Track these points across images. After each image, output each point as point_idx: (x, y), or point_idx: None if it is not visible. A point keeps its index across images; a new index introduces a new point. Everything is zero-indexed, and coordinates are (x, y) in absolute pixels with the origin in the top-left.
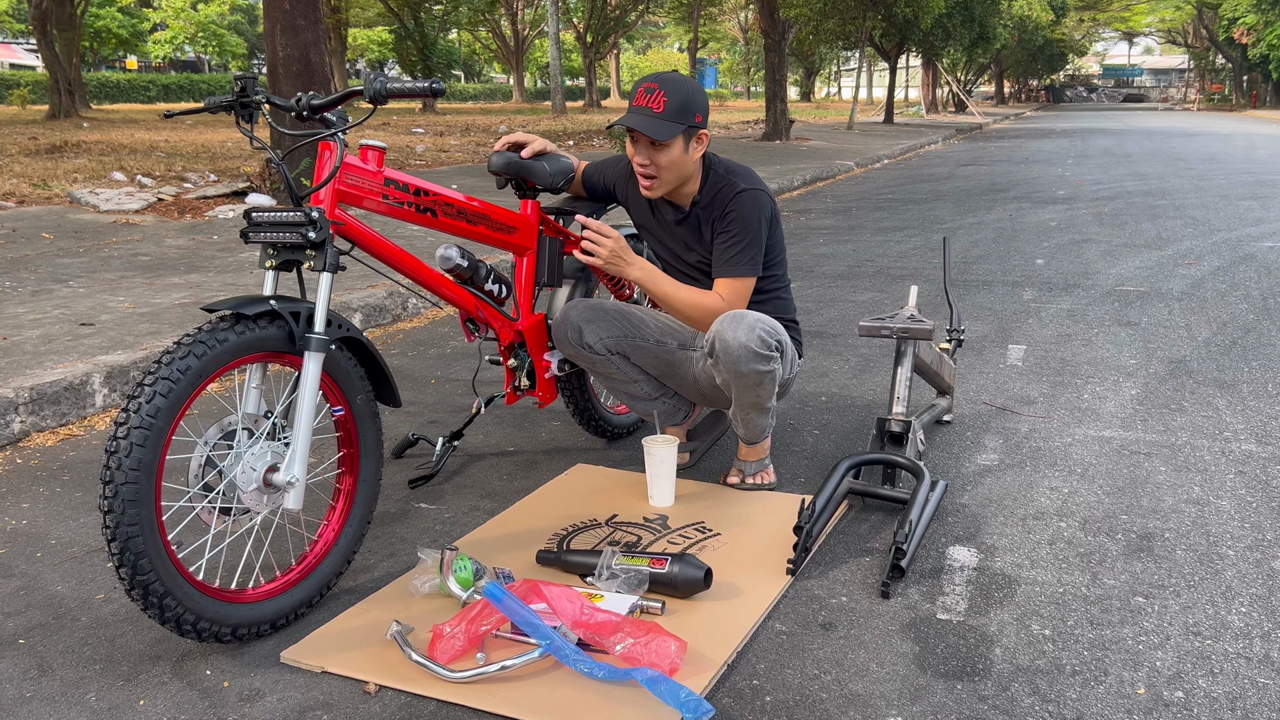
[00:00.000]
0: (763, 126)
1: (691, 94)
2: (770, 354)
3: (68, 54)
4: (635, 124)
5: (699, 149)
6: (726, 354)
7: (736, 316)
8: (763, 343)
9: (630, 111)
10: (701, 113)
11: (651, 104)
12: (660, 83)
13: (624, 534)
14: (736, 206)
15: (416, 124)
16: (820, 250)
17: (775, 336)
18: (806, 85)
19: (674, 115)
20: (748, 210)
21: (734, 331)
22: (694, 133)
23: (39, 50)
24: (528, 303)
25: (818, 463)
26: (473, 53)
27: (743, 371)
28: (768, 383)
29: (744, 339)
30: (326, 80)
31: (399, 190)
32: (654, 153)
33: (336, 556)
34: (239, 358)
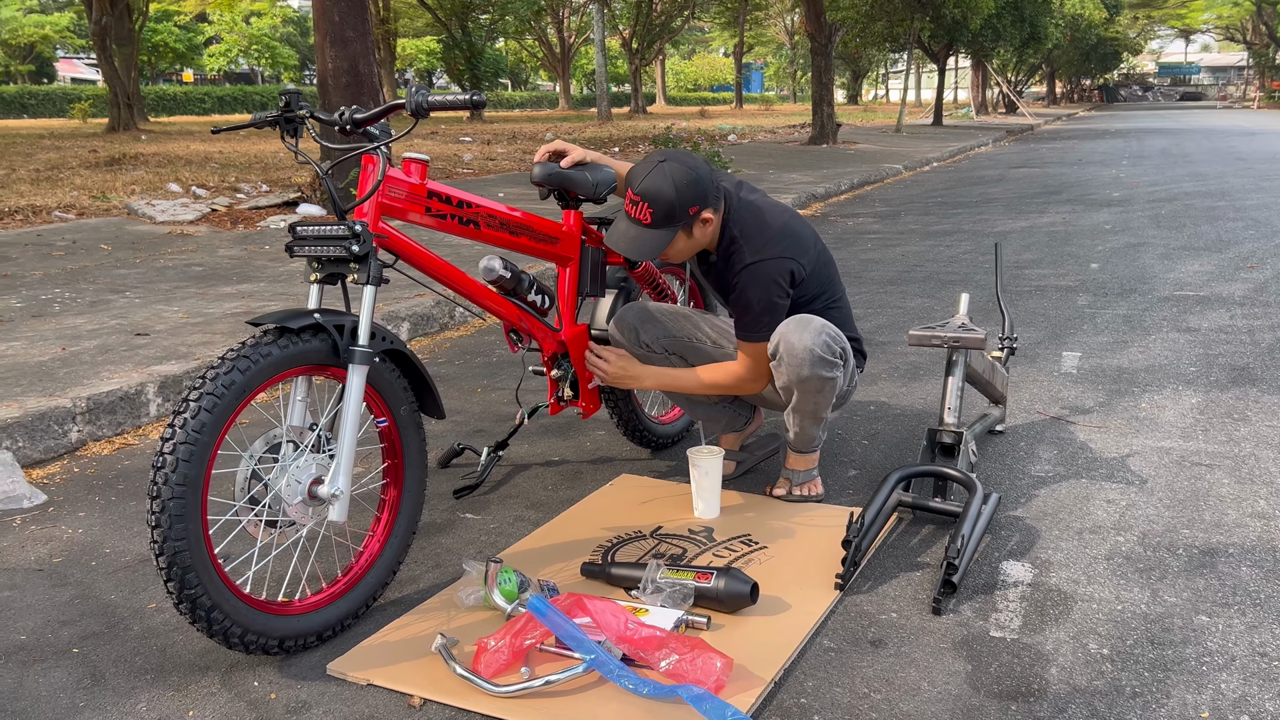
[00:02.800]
0: (809, 130)
1: (679, 192)
2: (834, 360)
3: (126, 68)
4: (622, 248)
5: (708, 228)
6: (791, 356)
7: (803, 320)
8: (828, 348)
9: (620, 220)
10: (697, 201)
11: (639, 215)
12: (644, 194)
13: (669, 546)
14: (742, 282)
15: (464, 133)
16: (868, 255)
17: (839, 344)
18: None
19: (663, 221)
20: (754, 286)
21: (800, 335)
22: (694, 221)
23: (99, 65)
24: (571, 313)
25: (866, 474)
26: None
27: (805, 376)
28: (828, 390)
29: (810, 343)
30: (375, 91)
31: (442, 203)
32: None
33: (382, 568)
34: (283, 371)
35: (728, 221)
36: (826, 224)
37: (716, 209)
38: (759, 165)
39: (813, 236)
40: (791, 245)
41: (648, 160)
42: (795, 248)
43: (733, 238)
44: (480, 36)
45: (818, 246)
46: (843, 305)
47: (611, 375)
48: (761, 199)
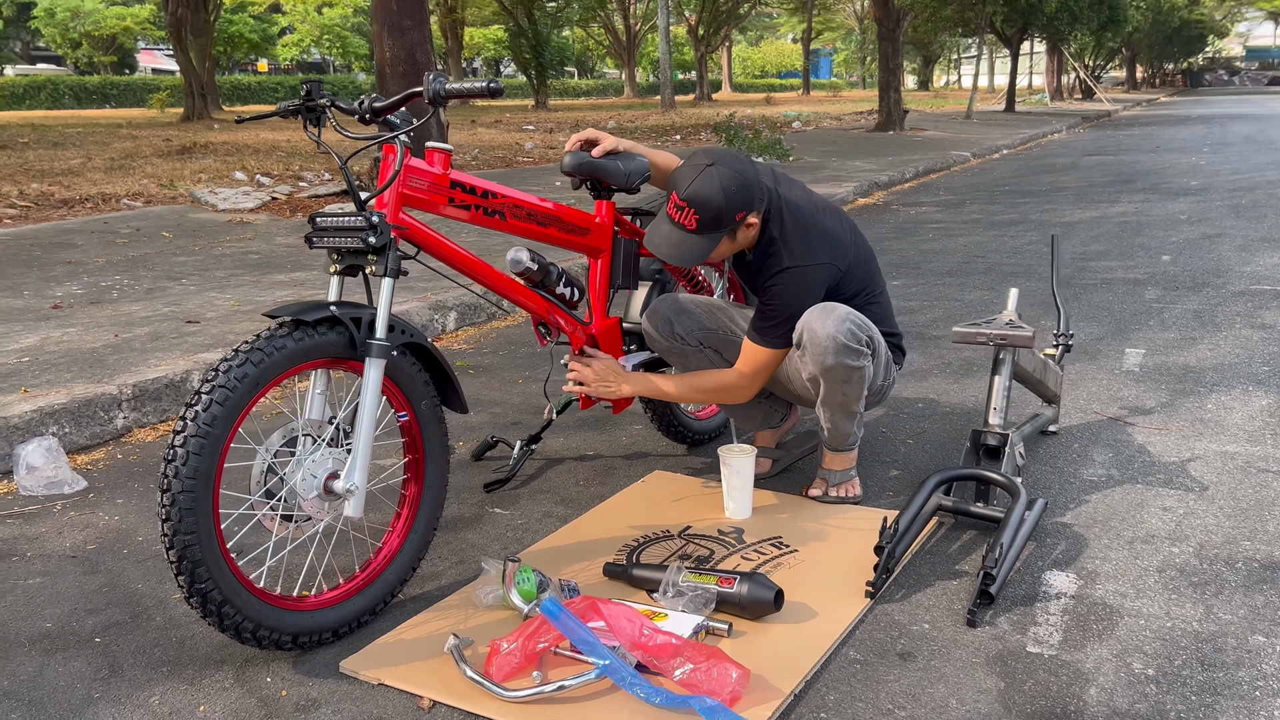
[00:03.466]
0: (875, 117)
1: (728, 198)
2: (859, 348)
3: (201, 59)
4: (664, 254)
5: (750, 231)
6: (814, 344)
7: (827, 308)
8: (852, 335)
9: (663, 223)
10: (744, 207)
11: (684, 221)
12: (690, 199)
13: (696, 547)
14: (777, 284)
15: (528, 121)
16: (929, 245)
17: (866, 332)
18: (925, 74)
19: (708, 227)
20: (787, 290)
21: (823, 322)
22: (739, 226)
23: (175, 55)
24: (602, 306)
25: (909, 475)
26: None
27: (829, 365)
28: (856, 381)
29: (833, 330)
30: None
31: (465, 193)
32: None
33: (401, 564)
34: (298, 364)
35: (768, 220)
36: (888, 213)
37: (760, 211)
38: (821, 152)
39: (851, 235)
40: (830, 249)
41: (693, 163)
42: (834, 251)
43: (771, 238)
44: (546, 25)
45: (856, 244)
46: (882, 300)
47: (591, 384)
48: (801, 196)
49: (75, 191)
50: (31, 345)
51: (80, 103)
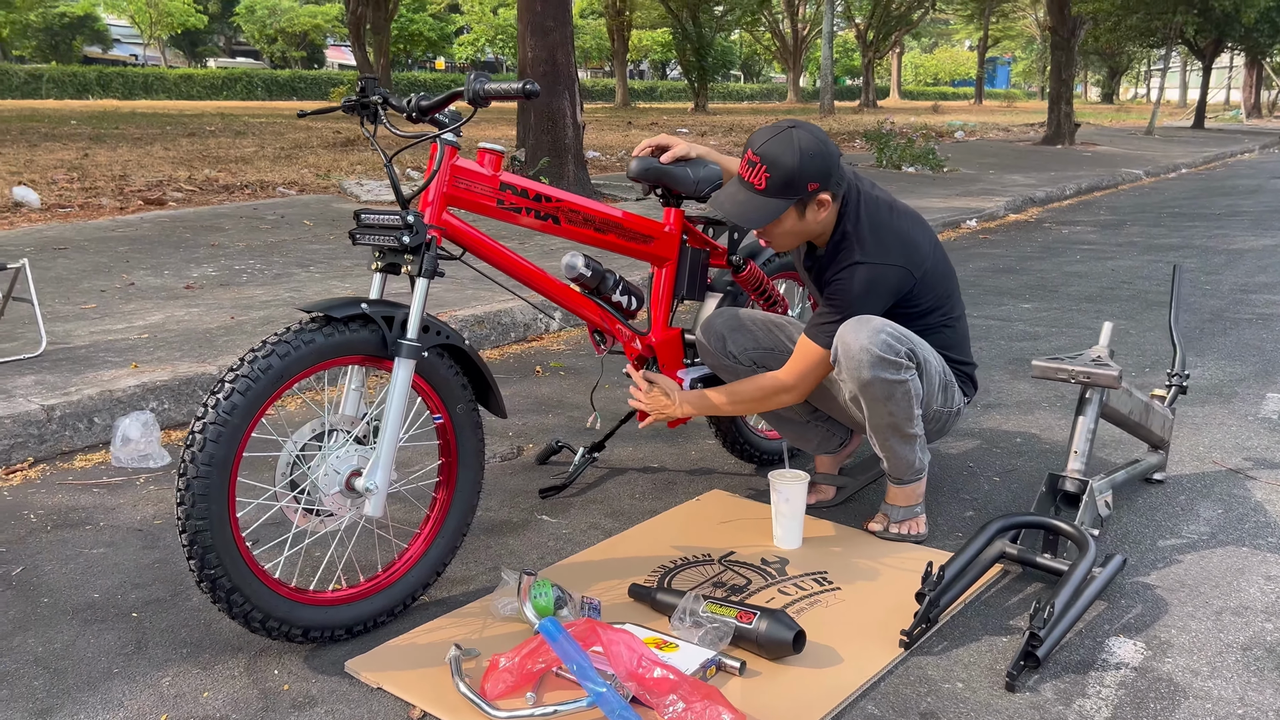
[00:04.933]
0: (1044, 130)
1: (804, 162)
2: (897, 360)
3: (378, 55)
4: (727, 211)
5: (821, 212)
6: (847, 358)
7: (862, 320)
8: (887, 347)
9: (731, 183)
10: (819, 178)
11: (753, 179)
12: (764, 156)
13: (734, 575)
14: (845, 278)
15: (683, 124)
16: (1073, 268)
17: (905, 344)
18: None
19: (778, 190)
20: (856, 286)
21: (856, 334)
22: (810, 200)
23: (353, 51)
24: (664, 316)
25: (987, 515)
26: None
27: (865, 379)
28: (900, 397)
29: (865, 342)
30: (572, 82)
31: (516, 195)
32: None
33: (425, 567)
34: (325, 360)
35: (844, 214)
36: (1038, 230)
37: (836, 195)
38: (979, 164)
39: (931, 246)
40: (907, 254)
41: (775, 124)
42: (910, 257)
43: (845, 232)
44: (711, 28)
45: (935, 257)
46: (959, 326)
47: (646, 407)
48: (883, 197)
49: (239, 178)
50: (155, 323)
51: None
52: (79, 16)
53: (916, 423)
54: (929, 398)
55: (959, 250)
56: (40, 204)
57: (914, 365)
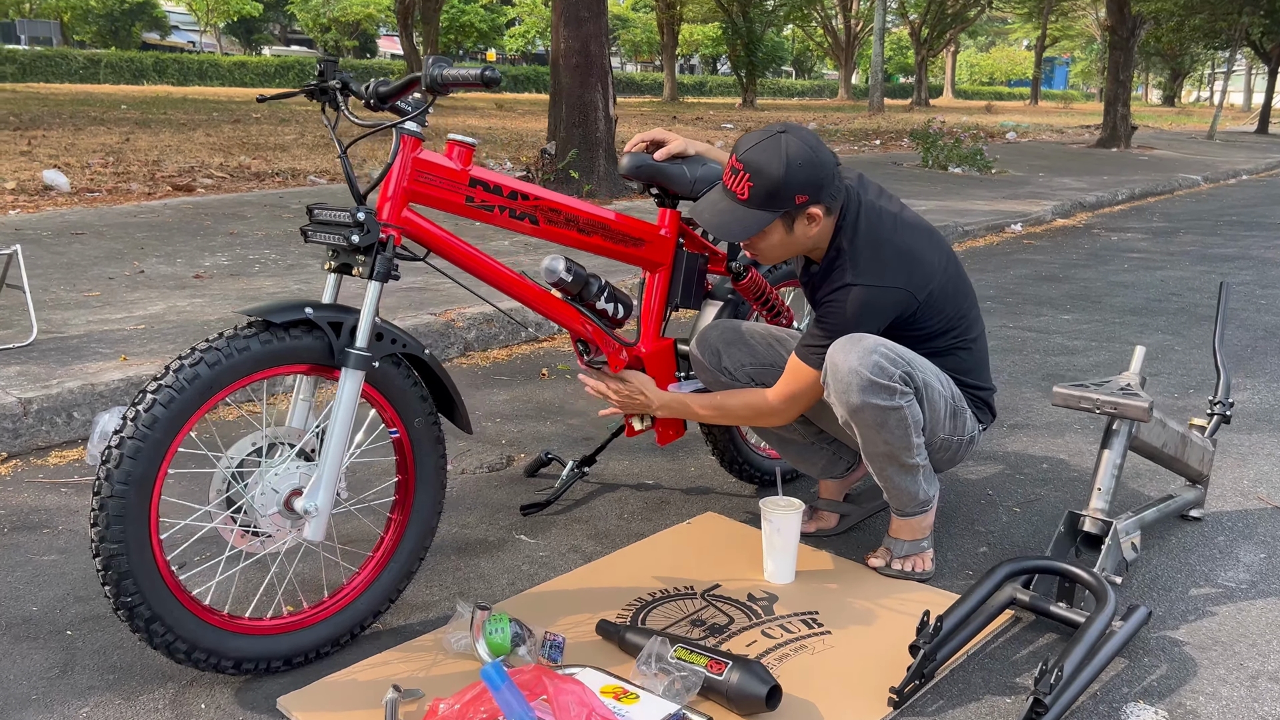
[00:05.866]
0: (1100, 132)
1: (791, 172)
2: (889, 385)
3: (426, 45)
4: (705, 220)
5: (813, 227)
6: (835, 381)
7: (854, 339)
8: (879, 369)
9: (714, 191)
10: (808, 190)
11: (736, 188)
12: (747, 163)
13: (715, 612)
14: (837, 300)
15: (729, 119)
16: (1120, 278)
17: (901, 366)
18: (1171, 88)
19: (762, 202)
20: (848, 310)
21: (845, 355)
22: (798, 214)
23: (400, 41)
24: (655, 326)
25: (1002, 552)
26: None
27: (854, 404)
28: (894, 424)
29: (855, 364)
30: (605, 73)
31: (488, 192)
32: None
33: (375, 595)
34: (262, 370)
35: (840, 228)
36: (1085, 236)
37: (830, 209)
38: (1028, 167)
39: (941, 264)
40: (909, 274)
41: (765, 129)
42: (912, 276)
43: (839, 249)
44: (762, 22)
45: (948, 274)
46: (975, 348)
47: (617, 404)
48: (890, 209)
49: (272, 165)
50: (154, 314)
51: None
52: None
53: (916, 452)
54: (933, 425)
55: (1000, 256)
56: (70, 188)
57: (911, 389)
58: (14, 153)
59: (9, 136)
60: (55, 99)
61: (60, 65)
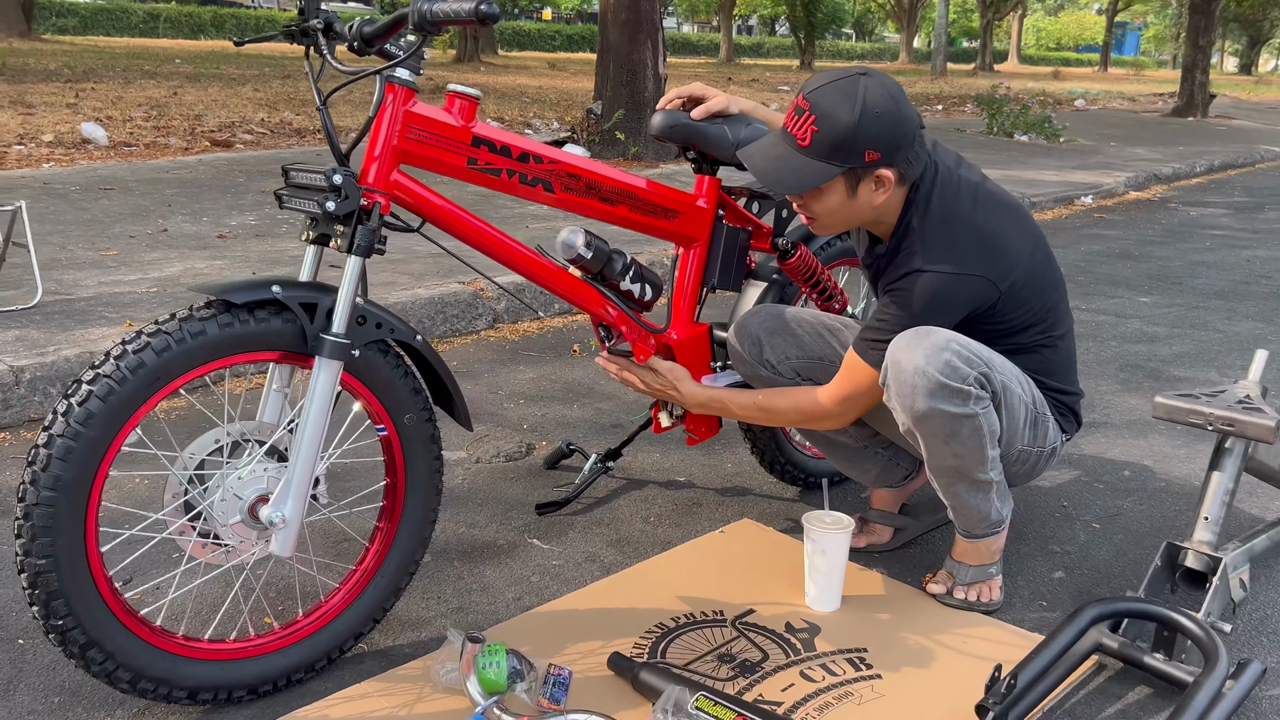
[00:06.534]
0: (1174, 100)
1: (865, 121)
2: (963, 387)
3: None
4: (755, 166)
5: (879, 194)
6: (899, 381)
7: (920, 333)
8: (951, 370)
9: (771, 135)
10: (882, 147)
11: (797, 131)
12: (815, 104)
13: (748, 645)
14: (903, 289)
15: (785, 81)
16: (1202, 256)
17: (977, 366)
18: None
19: (826, 151)
20: (915, 300)
21: (911, 351)
22: (865, 175)
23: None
24: (688, 308)
25: (1080, 578)
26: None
27: (920, 410)
28: (966, 435)
29: (922, 362)
30: (655, 30)
31: (494, 153)
32: (804, 194)
33: (357, 613)
34: (220, 358)
35: (913, 201)
36: (1162, 211)
37: (904, 175)
38: (1099, 135)
39: (1029, 248)
40: (990, 259)
41: (843, 69)
42: (993, 263)
43: (909, 228)
44: None
45: (1035, 261)
46: (1062, 346)
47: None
48: (973, 179)
49: (315, 121)
50: (170, 275)
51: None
52: None
53: (991, 466)
54: (1011, 435)
55: (1070, 231)
56: (107, 141)
57: (987, 394)
58: (61, 105)
59: (59, 89)
60: (111, 52)
61: (120, 19)
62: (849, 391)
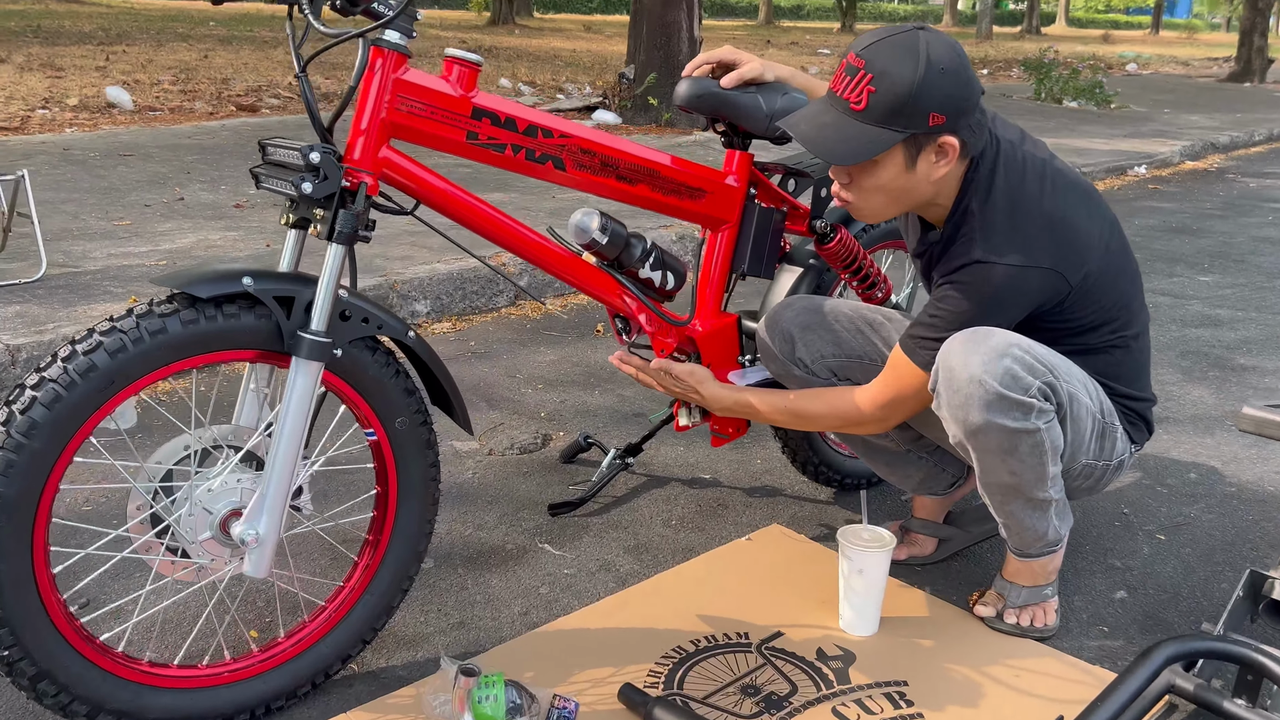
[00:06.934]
0: (1231, 65)
1: (930, 80)
2: (1023, 399)
3: None
4: (802, 135)
5: (941, 165)
6: (951, 391)
7: (977, 336)
8: (1011, 379)
9: (818, 101)
10: (948, 110)
11: (850, 94)
12: (870, 62)
13: (773, 674)
14: (961, 281)
15: (826, 44)
16: (1265, 231)
17: (1041, 374)
18: None
19: (884, 115)
20: (974, 295)
21: (966, 356)
22: (925, 142)
23: None
24: (714, 298)
25: (1145, 598)
26: None
27: (974, 424)
28: (1026, 452)
29: (979, 370)
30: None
31: (498, 126)
32: (853, 168)
33: (345, 635)
34: (183, 358)
35: (972, 181)
36: (1220, 182)
37: (966, 148)
38: (1152, 102)
39: (1102, 237)
40: (1060, 250)
41: (896, 25)
42: (1063, 255)
43: (968, 211)
44: None
45: (1112, 250)
46: (1135, 346)
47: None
48: (1041, 157)
49: (345, 85)
50: (182, 247)
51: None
52: None
53: (1051, 484)
54: (1075, 448)
55: (1122, 203)
56: (132, 105)
57: (1051, 406)
58: (90, 68)
59: (90, 51)
60: (146, 14)
61: None
62: (893, 395)
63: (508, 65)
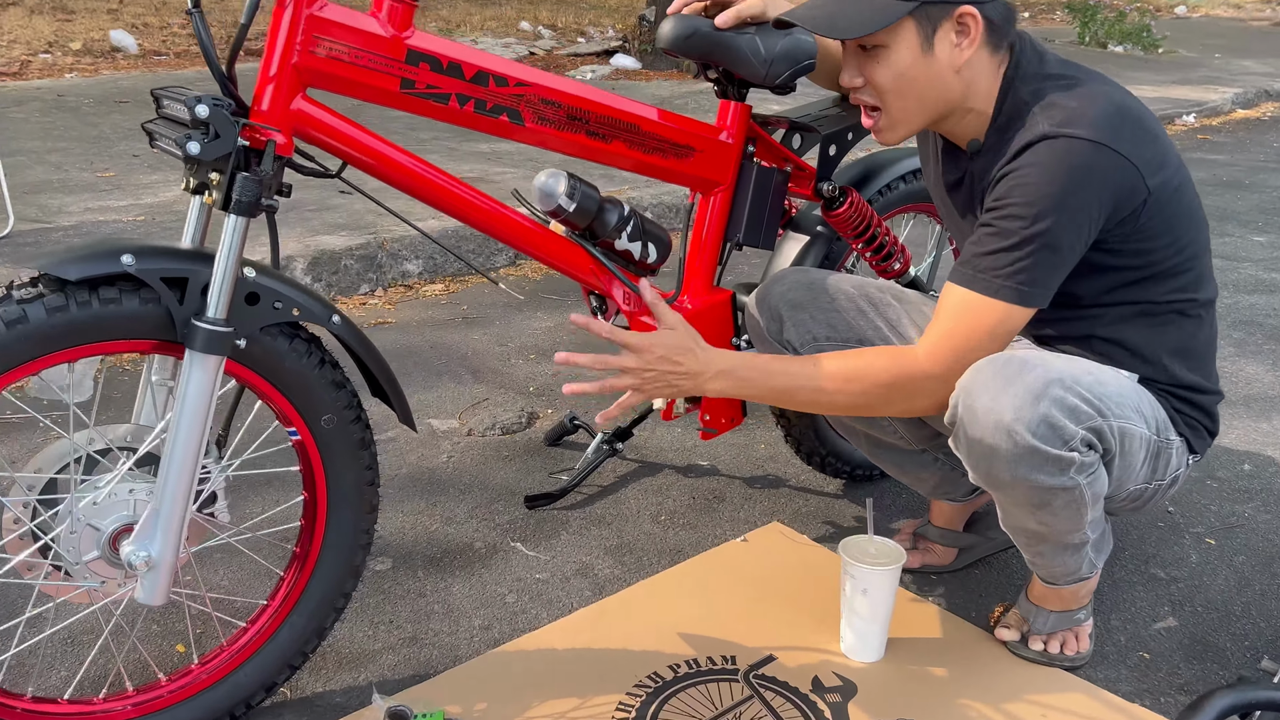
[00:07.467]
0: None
1: None
2: (1064, 455)
3: None
4: (801, 15)
5: (963, 48)
6: (973, 436)
7: (1006, 367)
8: (1049, 428)
9: None
10: None
11: None
12: None
13: (761, 709)
14: (1024, 164)
15: None
16: None
17: (1086, 421)
18: None
19: None
20: (1042, 174)
21: (995, 395)
22: (940, 16)
23: None
24: (705, 270)
25: (1193, 619)
26: None
27: (1001, 479)
28: (1060, 506)
29: (1009, 415)
30: None
31: (439, 73)
32: (864, 61)
33: (269, 660)
34: (51, 352)
35: (1015, 79)
36: (1275, 131)
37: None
38: (1202, 47)
39: (1175, 150)
40: (1132, 138)
41: None
42: (1140, 148)
43: (1022, 102)
44: None
45: (1181, 173)
46: (1207, 319)
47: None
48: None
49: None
50: (163, 202)
51: None
52: None
53: (1090, 527)
54: (1122, 480)
55: None
56: (137, 50)
57: (1097, 454)
58: (102, 10)
59: None
60: None
61: None
62: (950, 341)
63: (529, 8)
